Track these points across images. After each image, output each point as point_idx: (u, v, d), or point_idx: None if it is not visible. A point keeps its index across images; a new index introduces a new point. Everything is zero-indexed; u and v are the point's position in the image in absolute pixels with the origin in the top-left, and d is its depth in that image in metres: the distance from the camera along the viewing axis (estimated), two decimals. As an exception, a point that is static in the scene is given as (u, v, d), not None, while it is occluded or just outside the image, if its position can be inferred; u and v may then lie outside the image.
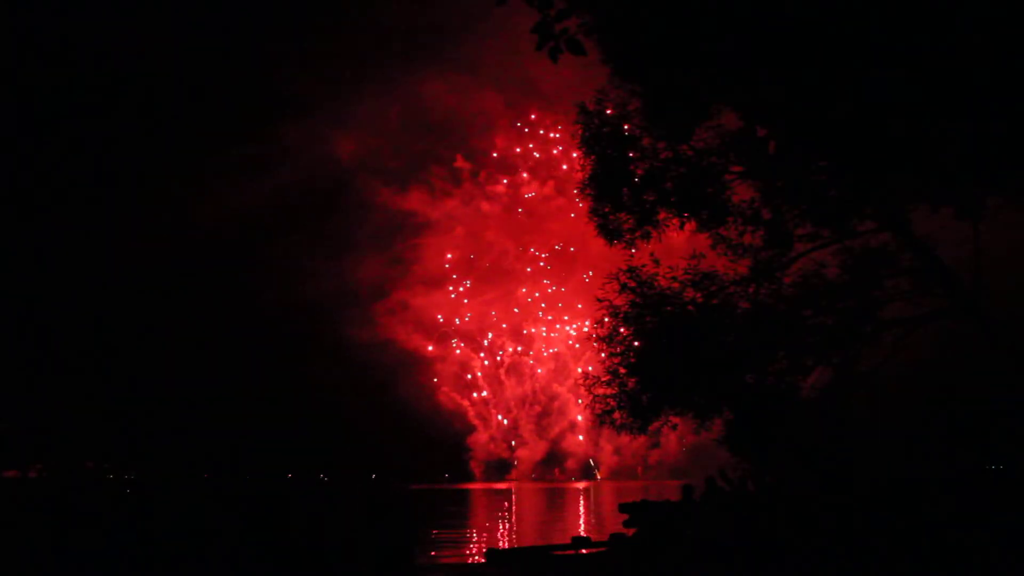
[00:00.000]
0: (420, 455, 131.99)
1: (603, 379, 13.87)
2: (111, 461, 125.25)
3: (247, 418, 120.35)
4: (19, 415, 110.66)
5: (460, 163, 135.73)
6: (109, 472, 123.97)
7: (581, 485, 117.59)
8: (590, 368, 14.13)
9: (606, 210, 13.90)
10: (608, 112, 13.20)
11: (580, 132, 13.47)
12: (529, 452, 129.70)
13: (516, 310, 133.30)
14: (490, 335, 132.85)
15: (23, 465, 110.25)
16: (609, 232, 13.99)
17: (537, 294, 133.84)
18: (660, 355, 13.19)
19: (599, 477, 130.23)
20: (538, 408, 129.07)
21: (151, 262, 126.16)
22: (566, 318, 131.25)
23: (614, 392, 13.74)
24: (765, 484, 14.40)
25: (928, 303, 12.95)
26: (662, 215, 13.80)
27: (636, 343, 13.55)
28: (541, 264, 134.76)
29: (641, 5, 10.48)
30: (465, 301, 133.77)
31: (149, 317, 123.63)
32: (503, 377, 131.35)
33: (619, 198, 13.77)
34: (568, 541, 20.13)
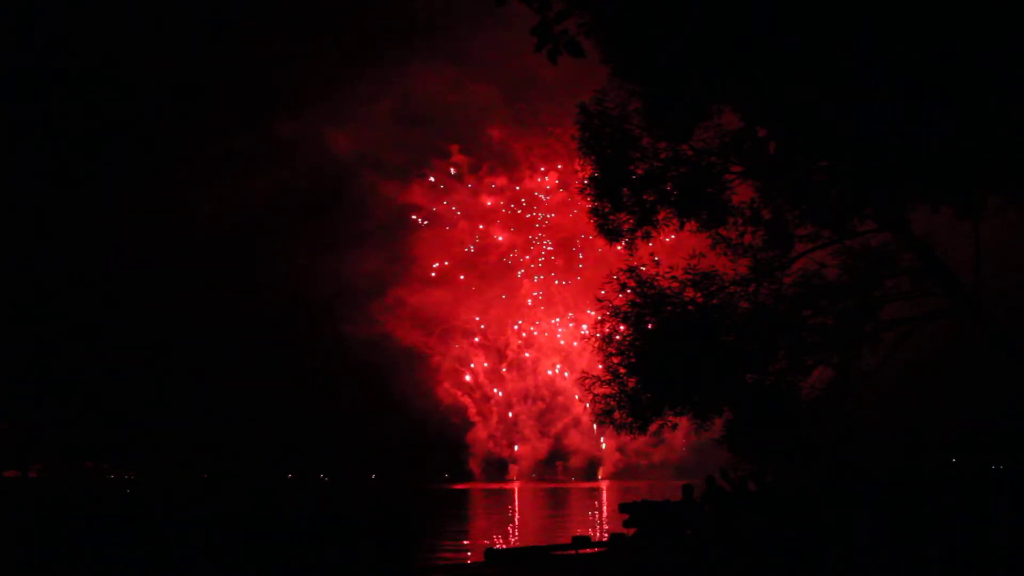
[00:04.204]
0: (419, 454, 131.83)
1: (603, 379, 13.86)
2: (111, 461, 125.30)
3: (247, 418, 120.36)
4: (19, 415, 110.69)
5: (461, 157, 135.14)
6: (109, 472, 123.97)
7: (585, 485, 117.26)
8: (599, 365, 14.06)
9: (606, 210, 13.89)
10: (608, 112, 13.18)
11: (580, 132, 13.45)
12: (530, 450, 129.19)
13: (527, 309, 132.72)
14: (483, 330, 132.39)
15: (23, 465, 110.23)
16: (609, 232, 13.98)
17: (539, 292, 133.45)
18: (660, 355, 13.18)
19: (600, 476, 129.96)
20: (541, 404, 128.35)
21: (149, 260, 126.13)
22: (570, 316, 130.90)
23: (614, 392, 13.74)
24: (765, 484, 14.40)
25: (928, 303, 12.95)
26: (662, 215, 13.79)
27: (636, 343, 13.54)
28: (544, 259, 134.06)
29: (641, 5, 10.47)
30: (464, 296, 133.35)
31: (148, 316, 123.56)
32: (504, 373, 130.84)
33: (619, 198, 13.76)
34: (568, 541, 20.11)
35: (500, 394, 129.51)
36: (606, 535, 21.86)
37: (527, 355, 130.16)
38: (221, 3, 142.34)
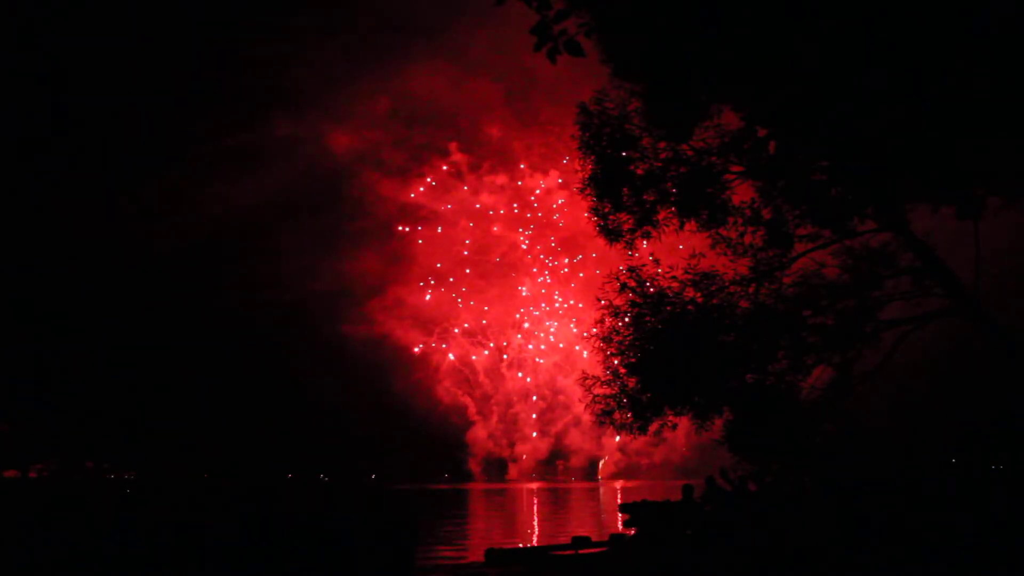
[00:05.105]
0: (419, 454, 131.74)
1: (603, 379, 13.88)
2: (111, 461, 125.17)
3: (246, 418, 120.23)
4: (19, 415, 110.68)
5: (460, 156, 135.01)
6: (109, 472, 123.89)
7: (586, 485, 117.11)
8: (604, 365, 14.06)
9: (606, 210, 13.90)
10: (608, 112, 13.19)
11: (580, 132, 13.46)
12: (531, 449, 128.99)
13: (528, 308, 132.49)
14: (483, 329, 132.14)
15: (23, 465, 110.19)
16: (609, 232, 13.99)
17: (541, 287, 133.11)
18: (660, 355, 13.19)
19: (600, 477, 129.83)
20: (541, 403, 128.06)
21: (148, 259, 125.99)
22: (564, 313, 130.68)
23: (614, 392, 13.75)
24: (765, 484, 14.40)
25: (928, 303, 12.95)
26: (662, 215, 13.80)
27: (636, 343, 13.55)
28: (544, 258, 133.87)
29: (641, 5, 10.47)
30: (464, 295, 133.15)
31: (147, 316, 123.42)
32: (504, 372, 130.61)
33: (619, 198, 13.77)
34: (568, 541, 20.11)
35: (500, 393, 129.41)
36: (606, 535, 21.82)
37: (523, 347, 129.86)
38: (221, 2, 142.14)
